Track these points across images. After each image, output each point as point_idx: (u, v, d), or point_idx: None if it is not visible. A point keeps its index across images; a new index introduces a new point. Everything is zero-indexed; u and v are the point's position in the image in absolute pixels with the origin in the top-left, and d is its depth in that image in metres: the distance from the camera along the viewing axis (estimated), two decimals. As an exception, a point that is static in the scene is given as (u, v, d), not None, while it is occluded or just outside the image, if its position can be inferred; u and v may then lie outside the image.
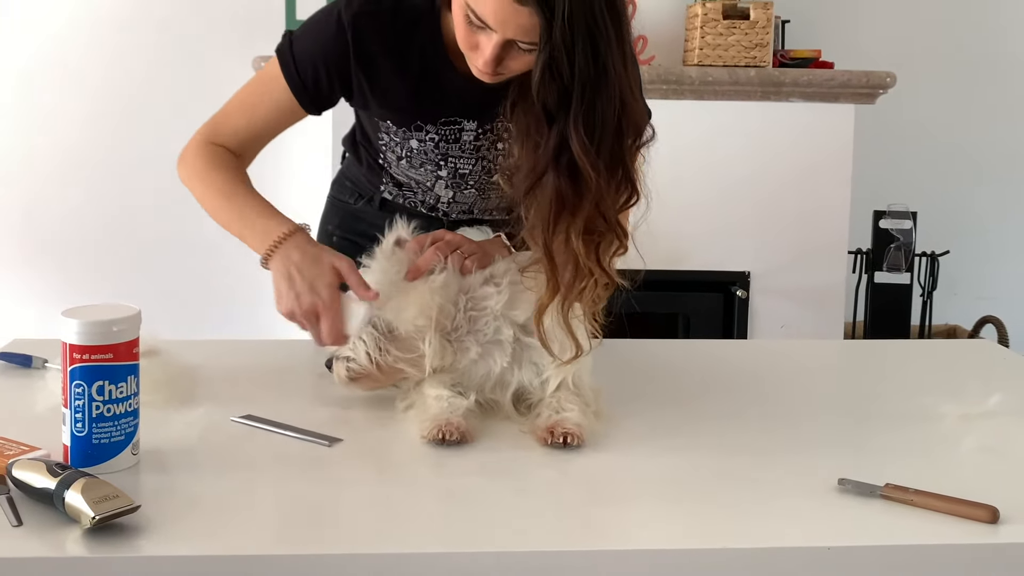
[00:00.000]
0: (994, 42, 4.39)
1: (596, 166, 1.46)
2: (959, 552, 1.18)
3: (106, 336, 1.30)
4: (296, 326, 1.59)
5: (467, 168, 1.83)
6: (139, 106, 3.90)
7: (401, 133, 1.79)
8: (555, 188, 1.47)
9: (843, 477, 1.31)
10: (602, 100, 1.44)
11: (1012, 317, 4.29)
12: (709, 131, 3.72)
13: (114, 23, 3.85)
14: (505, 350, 1.54)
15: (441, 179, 1.85)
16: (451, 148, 1.79)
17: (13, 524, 1.16)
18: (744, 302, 3.79)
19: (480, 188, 1.87)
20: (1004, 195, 4.49)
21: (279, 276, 1.59)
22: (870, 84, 3.71)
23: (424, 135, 1.78)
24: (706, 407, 1.67)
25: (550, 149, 1.47)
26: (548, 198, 1.48)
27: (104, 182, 3.94)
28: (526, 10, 1.39)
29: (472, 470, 1.37)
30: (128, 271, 3.95)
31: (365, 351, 1.52)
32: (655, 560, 1.16)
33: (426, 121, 1.76)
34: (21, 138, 3.90)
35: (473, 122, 1.77)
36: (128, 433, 1.33)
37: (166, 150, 3.87)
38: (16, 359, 1.80)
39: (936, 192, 4.37)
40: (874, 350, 2.25)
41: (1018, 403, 1.65)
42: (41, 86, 3.88)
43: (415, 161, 1.82)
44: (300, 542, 1.15)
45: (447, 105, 1.74)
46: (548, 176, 1.47)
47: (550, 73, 1.41)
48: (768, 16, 3.68)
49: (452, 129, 1.77)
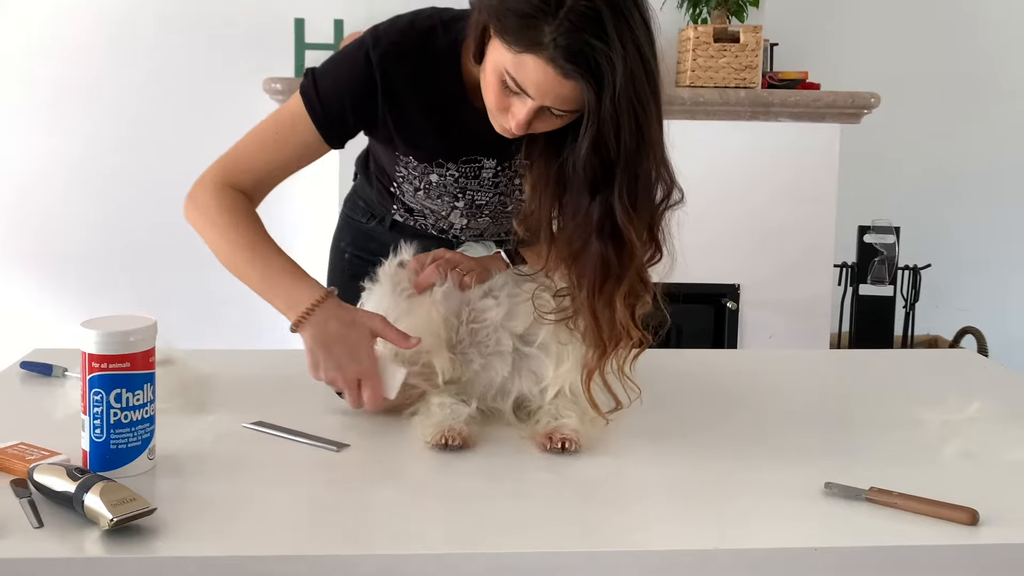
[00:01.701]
0: (973, 65, 4.40)
1: (640, 234, 1.46)
2: (941, 553, 1.18)
3: (123, 346, 1.30)
4: (331, 388, 1.57)
5: (484, 200, 1.80)
6: (156, 124, 3.91)
7: (421, 168, 1.76)
8: (600, 255, 1.46)
9: (829, 481, 1.31)
10: (644, 170, 1.44)
11: (991, 328, 4.30)
12: (701, 149, 3.72)
13: (132, 45, 3.87)
14: (506, 360, 1.54)
15: (457, 209, 1.83)
16: (470, 183, 1.77)
17: (35, 526, 1.16)
18: (734, 313, 3.79)
19: (495, 217, 1.85)
20: (983, 211, 4.50)
21: (316, 346, 1.52)
22: (855, 105, 3.72)
23: (444, 171, 1.75)
24: (698, 414, 1.67)
25: (594, 218, 1.45)
26: (594, 264, 1.47)
27: (121, 200, 3.94)
28: (570, 83, 1.38)
29: (474, 473, 1.37)
30: (145, 283, 3.96)
31: None
32: (649, 560, 1.16)
33: (447, 159, 1.74)
34: (42, 154, 3.90)
35: (493, 159, 1.74)
36: (144, 439, 1.33)
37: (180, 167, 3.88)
38: (37, 368, 1.80)
39: (918, 208, 4.38)
40: (859, 359, 2.25)
41: (997, 410, 1.65)
42: (63, 104, 3.89)
43: (433, 193, 1.80)
44: (309, 543, 1.16)
45: (468, 144, 1.72)
46: (593, 244, 1.46)
47: (595, 146, 1.40)
48: (757, 39, 3.69)
49: (472, 167, 1.75)
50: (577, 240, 1.49)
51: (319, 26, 3.73)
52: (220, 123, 3.95)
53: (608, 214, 1.44)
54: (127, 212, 3.95)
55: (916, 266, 4.09)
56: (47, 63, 3.87)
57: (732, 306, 3.78)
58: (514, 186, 1.78)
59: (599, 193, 1.44)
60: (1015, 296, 4.55)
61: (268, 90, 3.64)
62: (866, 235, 3.98)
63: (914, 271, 4.09)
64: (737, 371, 2.02)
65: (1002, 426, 1.59)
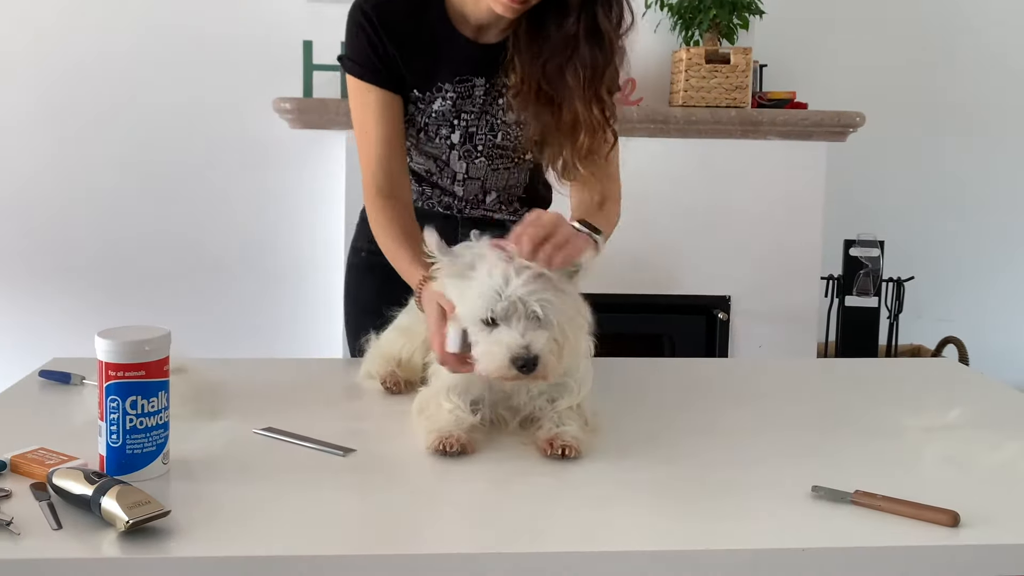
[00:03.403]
0: (951, 86, 4.42)
1: (615, 33, 1.73)
2: (923, 553, 1.19)
3: (138, 355, 1.30)
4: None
5: (475, 127, 1.91)
6: (172, 141, 3.91)
7: (426, 97, 1.88)
8: (591, 56, 1.73)
9: (816, 484, 1.32)
10: None
11: (971, 338, 4.31)
12: (693, 167, 3.74)
13: (150, 66, 3.87)
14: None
15: (454, 149, 1.92)
16: (464, 104, 1.89)
17: (54, 527, 1.16)
18: (725, 324, 3.80)
19: (489, 156, 1.94)
20: (964, 226, 4.51)
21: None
22: (841, 123, 3.73)
23: (444, 94, 1.87)
24: (691, 420, 1.67)
25: (583, 26, 1.72)
26: (586, 65, 1.73)
27: (136, 217, 3.95)
28: None
29: (476, 478, 1.37)
30: (159, 295, 3.96)
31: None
32: (643, 560, 1.16)
33: (445, 80, 1.87)
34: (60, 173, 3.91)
35: (482, 78, 1.87)
36: (159, 444, 1.34)
37: (195, 184, 3.93)
38: (56, 376, 1.80)
39: (902, 223, 4.39)
40: (844, 368, 2.25)
41: (976, 417, 1.65)
42: (80, 124, 3.90)
43: (431, 129, 1.90)
44: (315, 544, 1.16)
45: (461, 64, 1.87)
46: (582, 48, 1.72)
47: None
48: (747, 61, 3.70)
49: (466, 86, 1.88)
50: (568, 48, 1.74)
51: (326, 48, 3.74)
52: (232, 140, 3.97)
53: (594, 22, 1.71)
54: (141, 229, 3.95)
55: (900, 278, 4.10)
56: (64, 82, 3.87)
57: (723, 317, 3.78)
58: (498, 106, 1.90)
59: (584, 4, 1.71)
60: (994, 307, 4.56)
61: (278, 109, 3.65)
62: (851, 249, 3.98)
63: (898, 283, 4.10)
64: (728, 379, 2.03)
65: (981, 432, 1.59)
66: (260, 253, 3.99)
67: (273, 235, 3.99)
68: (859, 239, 3.99)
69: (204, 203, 3.95)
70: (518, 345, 1.37)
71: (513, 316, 1.39)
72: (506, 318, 1.39)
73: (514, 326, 1.39)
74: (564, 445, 1.43)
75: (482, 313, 1.40)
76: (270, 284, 4.00)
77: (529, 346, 1.37)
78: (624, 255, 2.72)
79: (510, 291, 1.39)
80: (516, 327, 1.39)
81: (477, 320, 1.41)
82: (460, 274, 1.45)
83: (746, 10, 3.69)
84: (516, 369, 1.38)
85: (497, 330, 1.40)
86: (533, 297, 1.39)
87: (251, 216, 3.97)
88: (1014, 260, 4.56)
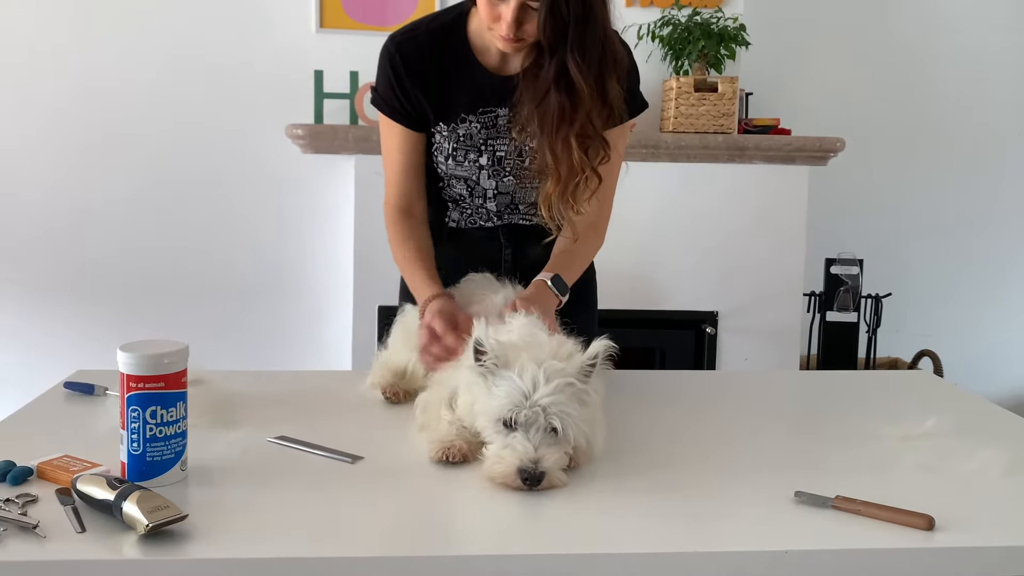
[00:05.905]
0: (927, 114, 4.43)
1: (588, 82, 1.69)
2: (900, 555, 1.19)
3: (158, 367, 1.31)
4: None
5: (503, 150, 1.90)
6: (189, 166, 3.91)
7: (450, 128, 1.89)
8: (558, 103, 1.71)
9: (799, 490, 1.32)
10: (590, 32, 1.67)
11: (946, 351, 4.32)
12: (683, 189, 3.74)
13: (168, 91, 3.88)
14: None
15: (483, 169, 1.92)
16: (490, 132, 1.89)
17: (78, 531, 1.16)
18: (713, 338, 3.79)
19: (517, 175, 1.92)
20: (939, 245, 4.51)
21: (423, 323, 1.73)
22: (822, 148, 3.73)
23: (469, 124, 1.88)
24: (679, 429, 1.67)
25: (552, 73, 1.69)
26: (552, 111, 1.72)
27: (155, 236, 3.94)
28: None
29: (476, 485, 1.37)
30: (177, 311, 3.96)
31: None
32: (633, 562, 1.16)
33: (468, 112, 1.88)
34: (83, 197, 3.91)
35: (505, 108, 1.87)
36: (178, 452, 1.34)
37: (211, 206, 3.93)
38: (80, 387, 1.80)
39: (880, 242, 4.40)
40: (826, 380, 2.25)
41: (951, 426, 1.65)
42: (99, 149, 3.90)
43: (460, 153, 1.91)
44: (326, 547, 1.16)
45: (482, 97, 1.87)
46: (551, 94, 1.70)
47: (551, 14, 1.62)
48: (734, 89, 3.71)
49: (489, 116, 1.88)
50: (539, 93, 1.72)
51: (336, 77, 3.75)
52: (248, 164, 3.97)
53: (563, 68, 1.68)
54: (160, 248, 3.95)
55: (878, 295, 4.10)
56: (86, 106, 3.87)
57: (711, 331, 3.78)
58: (527, 133, 1.88)
59: (555, 54, 1.68)
60: (967, 322, 4.56)
61: (290, 136, 3.65)
62: (832, 267, 3.99)
63: (876, 299, 4.10)
64: (715, 390, 2.02)
65: (956, 440, 1.59)
66: (273, 271, 3.99)
67: (285, 254, 3.99)
68: (839, 258, 3.99)
69: (221, 224, 3.95)
70: (529, 459, 1.32)
71: (532, 425, 1.35)
72: (525, 425, 1.35)
73: (531, 436, 1.34)
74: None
75: (505, 414, 1.36)
76: (283, 300, 4.00)
77: (539, 461, 1.32)
78: (619, 273, 2.72)
79: (536, 398, 1.35)
80: (532, 437, 1.34)
81: (497, 419, 1.37)
82: (491, 371, 1.40)
83: (733, 41, 3.70)
84: (520, 480, 1.33)
85: (513, 435, 1.35)
86: (555, 408, 1.34)
87: (265, 236, 3.97)
88: (985, 277, 4.56)
